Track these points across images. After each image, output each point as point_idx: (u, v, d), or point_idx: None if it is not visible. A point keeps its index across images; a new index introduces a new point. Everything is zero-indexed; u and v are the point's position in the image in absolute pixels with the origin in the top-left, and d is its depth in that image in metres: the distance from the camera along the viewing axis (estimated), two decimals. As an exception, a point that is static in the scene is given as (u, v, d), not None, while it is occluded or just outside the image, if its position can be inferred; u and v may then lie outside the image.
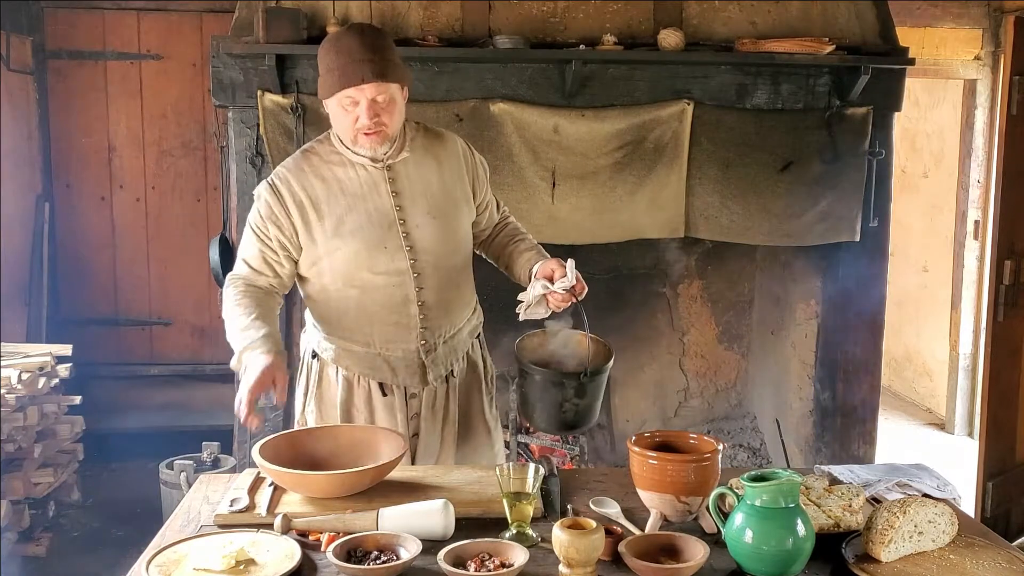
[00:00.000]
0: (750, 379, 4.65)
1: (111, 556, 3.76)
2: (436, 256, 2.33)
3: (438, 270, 2.34)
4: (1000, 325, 3.80)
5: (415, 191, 2.32)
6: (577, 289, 2.24)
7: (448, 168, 2.37)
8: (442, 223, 2.33)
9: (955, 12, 5.12)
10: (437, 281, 2.34)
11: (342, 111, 2.24)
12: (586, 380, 2.25)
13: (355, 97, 2.20)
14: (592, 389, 2.29)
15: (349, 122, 2.23)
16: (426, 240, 2.32)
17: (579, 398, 2.27)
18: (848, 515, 1.89)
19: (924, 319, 6.23)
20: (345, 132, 2.27)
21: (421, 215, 2.31)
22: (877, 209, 3.94)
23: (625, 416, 4.53)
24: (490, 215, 2.52)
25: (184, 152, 5.08)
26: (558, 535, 1.63)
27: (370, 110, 2.20)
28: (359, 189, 2.30)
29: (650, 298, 4.51)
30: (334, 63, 2.23)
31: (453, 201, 2.37)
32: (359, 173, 2.31)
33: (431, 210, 2.32)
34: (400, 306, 2.32)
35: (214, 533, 1.84)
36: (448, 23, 3.76)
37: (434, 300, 2.34)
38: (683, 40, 3.68)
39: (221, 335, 2.38)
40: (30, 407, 3.62)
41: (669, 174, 3.80)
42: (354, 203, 2.29)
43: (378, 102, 2.20)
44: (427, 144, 2.37)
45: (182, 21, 4.98)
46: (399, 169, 2.32)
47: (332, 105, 2.26)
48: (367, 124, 2.21)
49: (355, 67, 2.18)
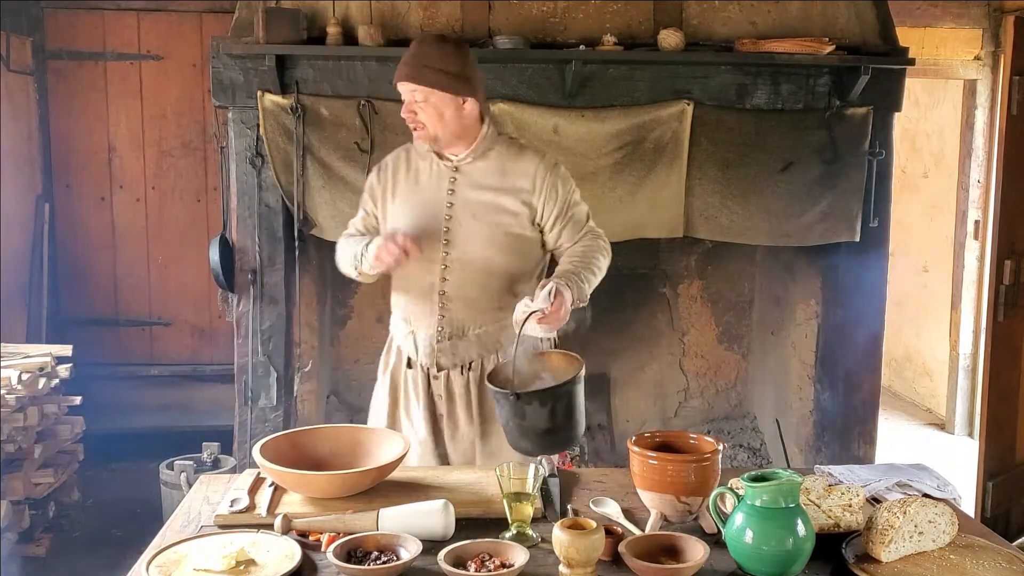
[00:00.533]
0: (750, 379, 4.65)
1: (111, 556, 3.76)
2: (468, 255, 2.50)
3: (466, 268, 2.50)
4: (1000, 325, 3.80)
5: (469, 193, 2.52)
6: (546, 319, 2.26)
7: (511, 182, 2.52)
8: (482, 227, 2.50)
9: (955, 12, 5.12)
10: (463, 277, 2.50)
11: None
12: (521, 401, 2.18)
13: (402, 92, 2.49)
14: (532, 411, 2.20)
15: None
16: (462, 238, 2.50)
17: (520, 418, 2.21)
18: (848, 515, 1.89)
19: (924, 319, 6.23)
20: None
21: (466, 215, 2.51)
22: (877, 209, 3.94)
23: (625, 416, 4.53)
24: (560, 234, 2.56)
25: (184, 152, 5.09)
26: (558, 535, 1.63)
27: (407, 107, 2.48)
28: (427, 181, 2.56)
29: (650, 298, 4.51)
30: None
31: (503, 211, 2.51)
32: (431, 167, 2.56)
33: (477, 213, 2.50)
34: (427, 291, 2.53)
35: (214, 533, 1.84)
36: (448, 23, 3.77)
37: (456, 293, 2.51)
38: (683, 40, 3.69)
39: (221, 335, 2.41)
40: (30, 407, 3.62)
41: (669, 174, 3.80)
42: (418, 191, 2.57)
43: (416, 101, 2.45)
44: (501, 155, 2.55)
45: (182, 21, 4.98)
46: (464, 171, 2.54)
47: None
48: (406, 118, 2.49)
49: (400, 66, 2.47)
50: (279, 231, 3.78)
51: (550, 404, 2.20)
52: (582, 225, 2.58)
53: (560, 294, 2.27)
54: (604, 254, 2.56)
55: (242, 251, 3.80)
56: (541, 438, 2.24)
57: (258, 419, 3.83)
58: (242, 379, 3.83)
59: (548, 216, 2.53)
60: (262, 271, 3.79)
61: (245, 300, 3.81)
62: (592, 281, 2.48)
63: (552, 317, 2.26)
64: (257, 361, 3.82)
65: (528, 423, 2.22)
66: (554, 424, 2.22)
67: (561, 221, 2.54)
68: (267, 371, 3.83)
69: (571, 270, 2.44)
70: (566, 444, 2.33)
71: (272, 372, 3.83)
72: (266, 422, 3.83)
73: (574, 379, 2.27)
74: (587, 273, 2.45)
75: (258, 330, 3.80)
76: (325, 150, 3.69)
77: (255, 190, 3.75)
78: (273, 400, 3.84)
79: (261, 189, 3.75)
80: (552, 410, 2.21)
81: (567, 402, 2.24)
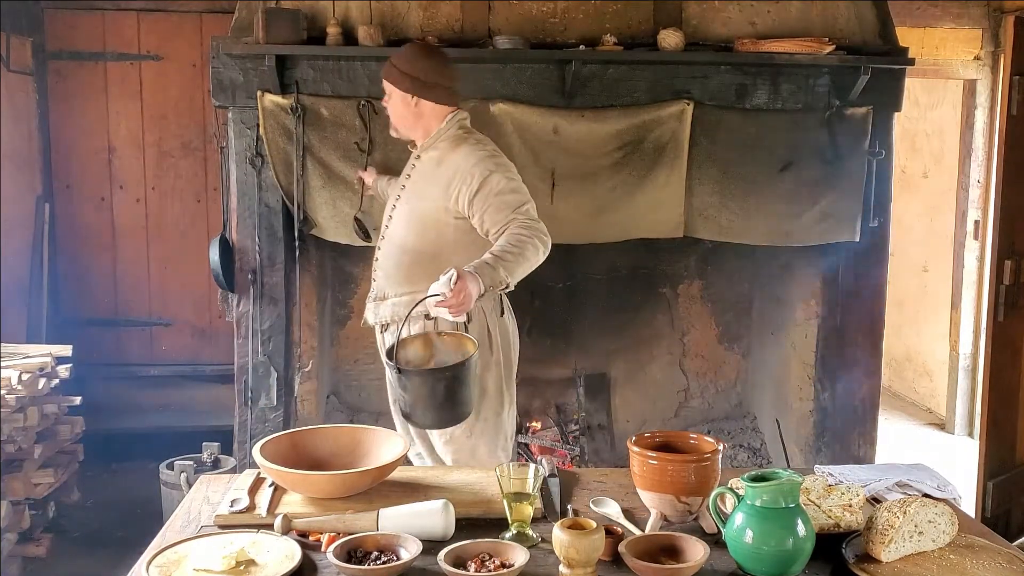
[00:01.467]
0: (750, 379, 4.65)
1: (111, 557, 3.76)
2: (395, 233, 2.93)
3: (392, 243, 2.93)
4: (1000, 325, 3.80)
5: (415, 179, 2.93)
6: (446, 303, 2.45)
7: (441, 172, 2.84)
8: (408, 210, 2.90)
9: (955, 12, 5.12)
10: (388, 250, 2.95)
11: None
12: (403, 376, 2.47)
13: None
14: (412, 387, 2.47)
15: None
16: (397, 217, 2.94)
17: (402, 390, 2.50)
18: (848, 515, 1.89)
19: (924, 319, 6.23)
20: None
21: (404, 199, 2.94)
22: (877, 209, 3.94)
23: (625, 416, 4.53)
24: (482, 219, 2.76)
25: (184, 153, 5.09)
26: (558, 535, 1.63)
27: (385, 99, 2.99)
28: (403, 166, 3.06)
29: (650, 298, 4.50)
30: None
31: (424, 197, 2.87)
32: (409, 155, 3.02)
33: (410, 198, 2.91)
34: (371, 259, 3.05)
35: (214, 533, 1.84)
36: (448, 23, 3.77)
37: (383, 264, 2.96)
38: (683, 40, 3.69)
39: (221, 335, 2.47)
40: (30, 408, 3.62)
41: (669, 174, 3.80)
42: (398, 175, 3.08)
43: (385, 95, 2.97)
44: (445, 149, 2.88)
45: (182, 22, 4.98)
46: (421, 159, 2.94)
47: None
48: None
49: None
50: (279, 231, 3.78)
51: (430, 383, 2.46)
52: (508, 212, 2.72)
53: (462, 279, 2.44)
54: (533, 242, 2.66)
55: (242, 251, 3.80)
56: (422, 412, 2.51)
57: (258, 419, 3.83)
58: (242, 379, 3.83)
59: (463, 201, 2.77)
60: (262, 271, 3.79)
61: (245, 300, 3.81)
62: (511, 267, 2.59)
63: (452, 302, 2.44)
64: (257, 361, 3.82)
65: (410, 397, 2.50)
66: (433, 402, 2.47)
67: (479, 206, 2.74)
68: (267, 371, 3.82)
69: (486, 258, 2.60)
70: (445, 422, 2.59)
71: (272, 372, 3.83)
72: (266, 422, 3.83)
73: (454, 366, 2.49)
74: (503, 259, 2.59)
75: (258, 330, 3.80)
76: (325, 150, 3.69)
77: (255, 190, 3.75)
78: (273, 400, 3.83)
79: (261, 189, 3.75)
80: (432, 389, 2.45)
81: (446, 384, 2.46)
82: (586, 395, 4.43)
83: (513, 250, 2.61)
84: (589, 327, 4.40)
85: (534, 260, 2.67)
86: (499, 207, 2.73)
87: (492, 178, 2.76)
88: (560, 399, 4.46)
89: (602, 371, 4.50)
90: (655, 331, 4.54)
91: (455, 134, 2.89)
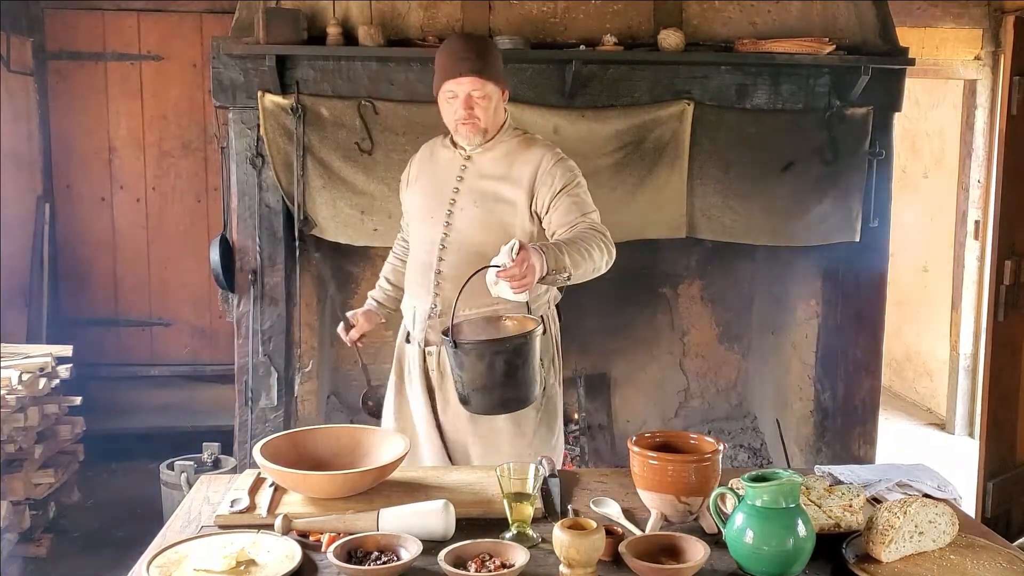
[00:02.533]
0: (750, 379, 4.65)
1: (112, 557, 3.76)
2: (466, 238, 2.60)
3: (462, 250, 2.59)
4: (1000, 325, 3.79)
5: (475, 182, 2.63)
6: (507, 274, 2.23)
7: (516, 173, 2.60)
8: (483, 214, 2.60)
9: (955, 12, 5.12)
10: (459, 259, 2.58)
11: (446, 103, 2.60)
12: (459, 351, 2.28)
13: (455, 91, 2.55)
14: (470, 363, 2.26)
15: (450, 113, 2.60)
16: (462, 222, 2.61)
17: (460, 369, 2.31)
18: (848, 515, 1.89)
19: (924, 319, 6.23)
20: (449, 123, 2.64)
21: (469, 201, 2.62)
22: (877, 209, 3.94)
23: (625, 416, 4.53)
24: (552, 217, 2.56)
25: (184, 153, 5.09)
26: (558, 535, 1.63)
27: (466, 103, 2.55)
28: (442, 169, 2.70)
29: (650, 298, 4.50)
30: (441, 61, 2.59)
31: (502, 200, 2.60)
32: (448, 155, 2.70)
33: (478, 200, 2.61)
34: (425, 269, 2.65)
35: (215, 534, 1.84)
36: (448, 23, 3.77)
37: (451, 274, 2.59)
38: (683, 40, 3.69)
39: (221, 335, 2.45)
40: (30, 408, 3.62)
41: (670, 174, 3.80)
42: (433, 178, 2.71)
43: (473, 96, 2.54)
44: (511, 148, 2.65)
45: (182, 22, 4.98)
46: (475, 160, 2.65)
47: (440, 99, 2.62)
48: (462, 115, 2.56)
49: (456, 64, 2.53)
50: (279, 231, 3.78)
51: (488, 358, 2.25)
52: (579, 212, 2.54)
53: (525, 250, 2.23)
54: (598, 241, 2.46)
55: (242, 251, 3.80)
56: (479, 393, 2.29)
57: (258, 419, 3.83)
58: (242, 379, 3.83)
59: (544, 202, 2.57)
60: (262, 271, 3.79)
61: (245, 300, 3.81)
62: (576, 258, 2.36)
63: (512, 274, 2.22)
64: (257, 361, 3.82)
65: (467, 375, 2.29)
66: (493, 380, 2.26)
67: (555, 203, 2.55)
68: (267, 371, 3.83)
69: (551, 242, 2.45)
70: (504, 406, 2.34)
71: (272, 372, 3.83)
72: (266, 422, 3.83)
73: (515, 336, 2.29)
74: (569, 247, 2.37)
75: (258, 330, 3.80)
76: (325, 150, 3.69)
77: (255, 190, 3.75)
78: (274, 400, 3.84)
79: (261, 189, 3.75)
80: (491, 364, 2.24)
81: (507, 358, 2.25)
82: (586, 395, 4.43)
83: (579, 243, 2.40)
84: (589, 327, 4.39)
85: (599, 263, 2.45)
86: (570, 208, 2.54)
87: (573, 181, 2.58)
88: (560, 399, 4.46)
89: (602, 371, 4.50)
90: (655, 331, 4.54)
91: (518, 131, 2.70)
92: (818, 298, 4.14)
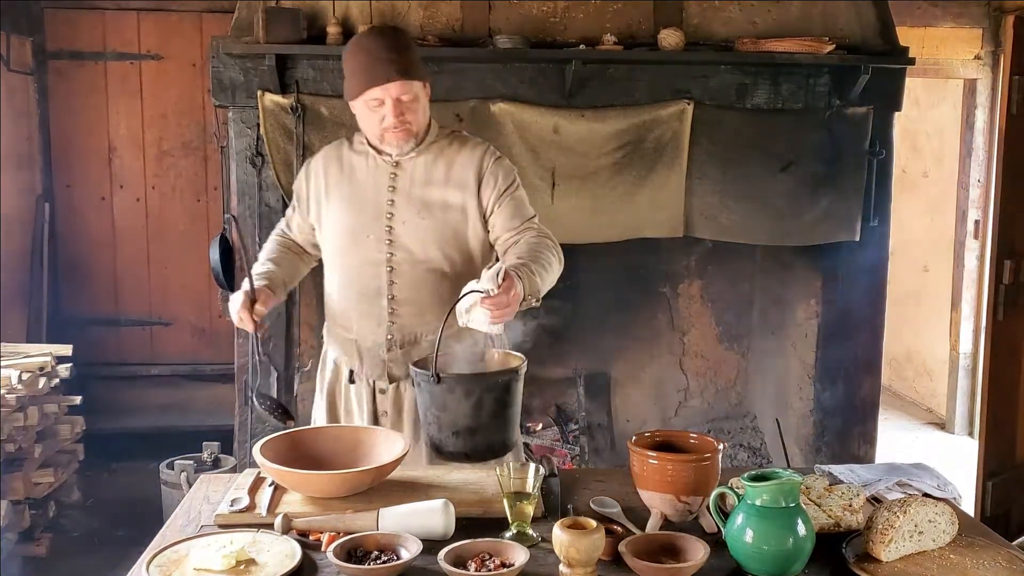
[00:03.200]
0: (750, 379, 4.64)
1: (112, 556, 3.76)
2: (416, 255, 2.36)
3: (415, 269, 2.35)
4: (1000, 324, 3.79)
5: (413, 190, 2.37)
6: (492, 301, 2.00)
7: (457, 175, 2.37)
8: (431, 225, 2.35)
9: (955, 12, 5.12)
10: (413, 280, 2.36)
11: (368, 111, 2.30)
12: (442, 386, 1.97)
13: (381, 97, 2.26)
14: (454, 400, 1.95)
15: (375, 121, 2.30)
16: (408, 237, 2.35)
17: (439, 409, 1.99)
18: (848, 515, 1.89)
19: (924, 319, 6.23)
20: (372, 131, 2.35)
21: (411, 213, 2.36)
22: (877, 209, 3.94)
23: (625, 416, 4.52)
24: (496, 221, 2.38)
25: (184, 152, 5.09)
26: (558, 535, 1.63)
27: (396, 108, 2.27)
28: (364, 179, 2.40)
29: (650, 298, 4.50)
30: (359, 64, 2.28)
31: (451, 205, 2.36)
32: (369, 163, 2.40)
33: (422, 211, 2.36)
34: (373, 296, 2.38)
35: (214, 533, 1.84)
36: (448, 23, 3.77)
37: (406, 297, 2.37)
38: (683, 40, 3.69)
39: (221, 335, 2.42)
40: (30, 407, 3.62)
41: (669, 174, 3.80)
42: (355, 191, 2.40)
43: (403, 101, 2.27)
44: (443, 148, 2.40)
45: (182, 21, 4.98)
46: (405, 166, 2.38)
47: (358, 106, 2.32)
48: (393, 122, 2.28)
49: (380, 67, 2.24)
50: (279, 231, 3.78)
51: (476, 395, 1.97)
52: (521, 217, 2.36)
53: (510, 278, 2.03)
54: (554, 253, 2.30)
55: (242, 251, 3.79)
56: (462, 437, 2.00)
57: (258, 419, 3.83)
58: (242, 379, 3.83)
59: (487, 204, 2.37)
60: (262, 271, 3.79)
61: (245, 300, 3.80)
62: (544, 277, 2.20)
63: (498, 302, 2.00)
64: (257, 361, 3.82)
65: (447, 417, 1.99)
66: (478, 421, 1.98)
67: (498, 205, 2.35)
68: (267, 371, 3.82)
69: (521, 262, 2.19)
70: (489, 451, 2.01)
71: (272, 372, 3.83)
72: (266, 422, 3.83)
73: (509, 370, 2.04)
74: (537, 267, 2.19)
75: (258, 330, 3.80)
76: (325, 150, 3.69)
77: (255, 190, 3.75)
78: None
79: (261, 189, 3.75)
80: (478, 402, 1.97)
81: (497, 396, 1.99)
82: (586, 395, 4.43)
83: (541, 259, 2.22)
84: (589, 327, 4.39)
85: (556, 274, 2.29)
86: (513, 212, 2.37)
87: (513, 181, 2.39)
88: (560, 399, 4.46)
89: (602, 371, 4.50)
90: (655, 331, 4.54)
91: (443, 129, 2.45)
92: (818, 298, 4.14)
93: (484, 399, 2.00)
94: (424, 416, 2.09)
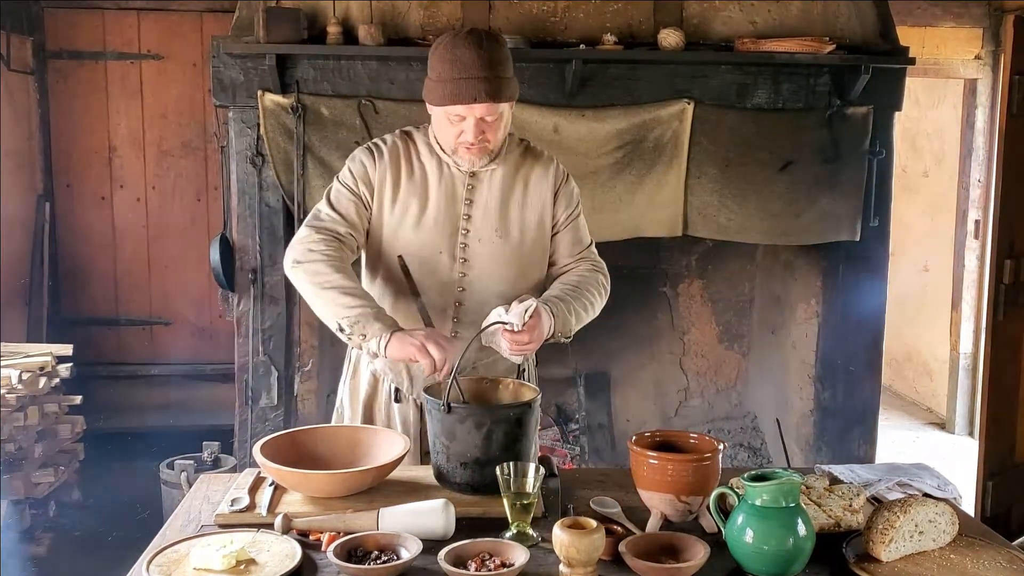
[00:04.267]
0: (750, 379, 4.65)
1: (112, 556, 3.75)
2: (490, 276, 2.23)
3: (483, 292, 2.22)
4: (1000, 324, 3.79)
5: (491, 206, 2.23)
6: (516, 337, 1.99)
7: (534, 190, 2.26)
8: (508, 245, 2.23)
9: (955, 12, 5.12)
10: (479, 303, 2.21)
11: (447, 122, 2.15)
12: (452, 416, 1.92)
13: (463, 114, 2.11)
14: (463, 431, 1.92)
15: (453, 134, 2.16)
16: (484, 258, 2.22)
17: (448, 438, 1.96)
18: (849, 515, 1.89)
19: (924, 319, 6.22)
20: (447, 142, 2.19)
21: (488, 231, 2.22)
22: (878, 209, 3.94)
23: (625, 416, 4.53)
24: (559, 245, 2.30)
25: (184, 152, 5.09)
26: (559, 535, 1.63)
27: (477, 127, 2.13)
28: (436, 187, 2.22)
29: (650, 298, 4.50)
30: (447, 73, 2.10)
31: (529, 225, 2.25)
32: (443, 171, 2.23)
33: (500, 228, 2.22)
34: (438, 320, 2.21)
35: (215, 533, 1.84)
36: (448, 23, 3.77)
37: (469, 320, 2.22)
38: (683, 40, 3.68)
39: (221, 335, 2.40)
40: (31, 407, 3.62)
41: (669, 173, 3.80)
42: (427, 199, 2.22)
43: (486, 120, 2.13)
44: (516, 161, 2.28)
45: (182, 21, 4.98)
46: (483, 179, 2.24)
47: (437, 113, 2.17)
48: (470, 140, 2.14)
49: (469, 85, 2.07)
50: (279, 230, 3.78)
51: (487, 427, 1.93)
52: (583, 244, 2.32)
53: (538, 315, 2.01)
54: (601, 291, 2.27)
55: (242, 250, 3.80)
56: (469, 468, 1.96)
57: (258, 418, 3.83)
58: (242, 379, 3.83)
59: (558, 224, 2.28)
60: (262, 270, 3.80)
61: (245, 300, 3.81)
62: (581, 317, 2.18)
63: (518, 340, 2.00)
64: (258, 361, 3.82)
65: (456, 447, 1.95)
66: (487, 453, 1.93)
67: (564, 228, 2.29)
68: (267, 370, 3.83)
69: (560, 297, 2.15)
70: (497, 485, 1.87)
71: (272, 371, 3.83)
72: (266, 421, 3.83)
73: (522, 404, 1.99)
74: (577, 305, 2.15)
75: (258, 329, 3.80)
76: (326, 149, 3.69)
77: (255, 189, 3.75)
78: (274, 399, 3.83)
79: (262, 188, 3.75)
80: (488, 434, 1.93)
81: (508, 430, 1.95)
82: (586, 395, 4.43)
83: (584, 298, 2.17)
84: (589, 326, 4.39)
85: (596, 312, 2.25)
86: (575, 239, 2.29)
87: (578, 204, 2.31)
88: (560, 399, 4.46)
89: (602, 371, 4.50)
90: (655, 330, 4.54)
91: (514, 138, 2.32)
92: (818, 298, 4.14)
93: (494, 431, 1.94)
94: (433, 444, 2.01)
